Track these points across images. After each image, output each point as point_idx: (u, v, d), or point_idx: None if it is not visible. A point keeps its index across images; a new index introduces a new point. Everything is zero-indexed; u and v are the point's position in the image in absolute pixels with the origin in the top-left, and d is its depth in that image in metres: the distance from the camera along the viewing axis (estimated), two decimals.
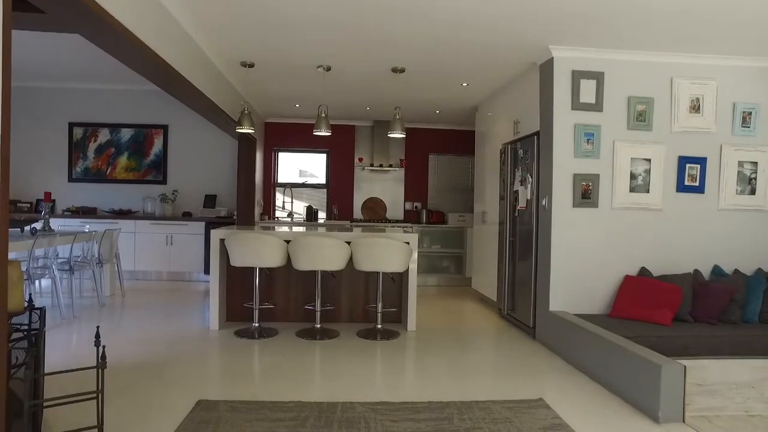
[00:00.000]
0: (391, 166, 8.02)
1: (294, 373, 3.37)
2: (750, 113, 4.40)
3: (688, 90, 4.27)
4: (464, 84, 5.43)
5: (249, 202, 7.26)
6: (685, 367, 2.73)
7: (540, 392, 3.12)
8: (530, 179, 4.53)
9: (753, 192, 4.43)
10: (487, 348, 4.20)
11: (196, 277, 7.07)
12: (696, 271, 4.26)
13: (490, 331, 4.74)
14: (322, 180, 8.28)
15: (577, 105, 4.09)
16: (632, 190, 4.20)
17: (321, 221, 7.94)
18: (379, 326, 4.47)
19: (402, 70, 4.85)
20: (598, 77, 4.11)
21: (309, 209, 7.69)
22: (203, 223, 7.07)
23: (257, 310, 4.34)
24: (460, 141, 8.37)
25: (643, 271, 4.22)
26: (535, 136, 4.45)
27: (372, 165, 8.00)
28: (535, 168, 4.45)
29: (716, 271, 4.33)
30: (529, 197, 4.56)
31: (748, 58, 4.35)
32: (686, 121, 4.27)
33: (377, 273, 4.43)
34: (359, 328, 4.56)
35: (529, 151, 4.56)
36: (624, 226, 4.22)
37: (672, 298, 3.85)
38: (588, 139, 4.10)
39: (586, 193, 4.12)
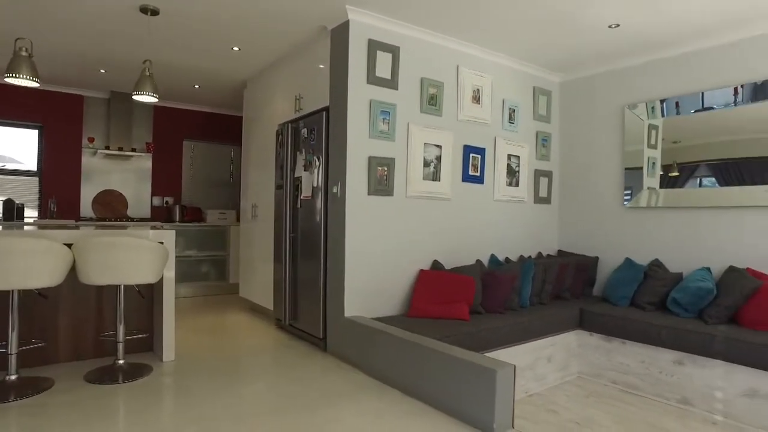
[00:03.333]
0: (134, 150, 6.41)
1: None
2: (514, 111, 4.65)
3: (471, 80, 4.25)
4: (235, 48, 4.45)
5: None
6: (515, 367, 2.43)
7: (355, 422, 2.46)
8: (317, 163, 3.88)
9: (517, 184, 4.70)
10: (272, 372, 3.36)
11: None
12: (478, 261, 4.27)
13: (271, 349, 3.91)
14: (32, 165, 6.10)
15: (373, 79, 3.61)
16: (425, 177, 3.95)
17: (30, 220, 5.82)
18: (121, 361, 3.19)
19: (155, 12, 3.60)
20: (394, 51, 3.71)
21: (8, 204, 5.52)
22: None
23: None
24: (224, 127, 7.28)
25: (436, 264, 4.00)
26: (324, 112, 3.82)
27: (108, 148, 6.24)
28: (323, 150, 3.82)
29: (493, 260, 4.43)
30: (315, 184, 3.91)
31: (515, 60, 4.59)
32: (470, 110, 4.25)
33: (117, 287, 3.16)
34: (90, 368, 3.18)
35: (316, 130, 3.91)
36: (418, 216, 3.93)
37: (467, 291, 3.69)
38: (384, 119, 3.67)
39: (382, 180, 3.68)
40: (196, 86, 5.89)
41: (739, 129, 3.82)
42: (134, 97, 3.87)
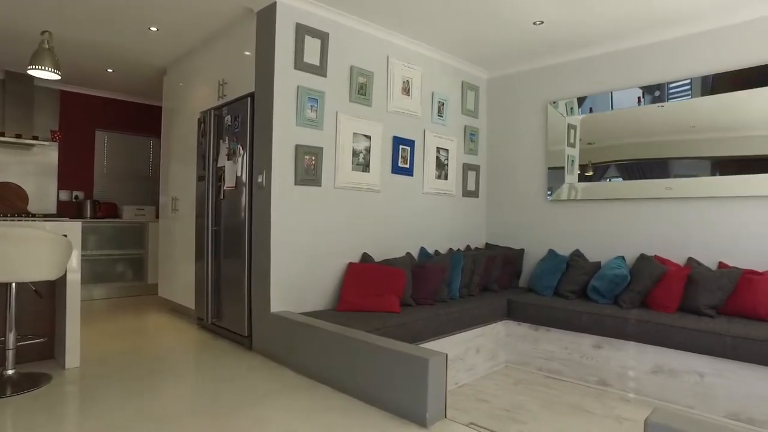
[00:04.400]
0: (36, 139, 5.81)
1: None
2: (443, 104, 4.69)
3: (401, 71, 4.22)
4: (153, 28, 4.12)
5: None
6: (446, 355, 2.40)
7: (283, 421, 2.33)
8: (241, 151, 3.68)
9: (446, 177, 4.74)
10: (193, 373, 3.13)
11: None
12: (408, 254, 4.24)
13: (192, 349, 3.66)
14: None
15: (301, 65, 3.47)
16: (354, 168, 3.86)
17: None
18: (10, 372, 2.82)
19: None
20: (323, 38, 3.59)
21: None
22: None
23: None
24: (142, 117, 6.80)
25: (366, 257, 3.93)
26: (249, 99, 3.63)
27: (2, 135, 5.61)
28: (248, 138, 3.63)
29: (422, 252, 4.43)
30: (239, 174, 3.71)
31: (444, 54, 4.62)
32: (399, 101, 4.22)
33: (7, 285, 2.81)
34: None
35: (240, 117, 3.71)
36: (347, 207, 3.84)
37: (397, 283, 3.65)
38: (312, 106, 3.54)
39: (309, 169, 3.55)
40: (110, 70, 5.44)
41: (642, 131, 4.08)
42: (30, 72, 3.48)
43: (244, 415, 2.41)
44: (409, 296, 3.75)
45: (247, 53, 3.72)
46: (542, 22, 3.85)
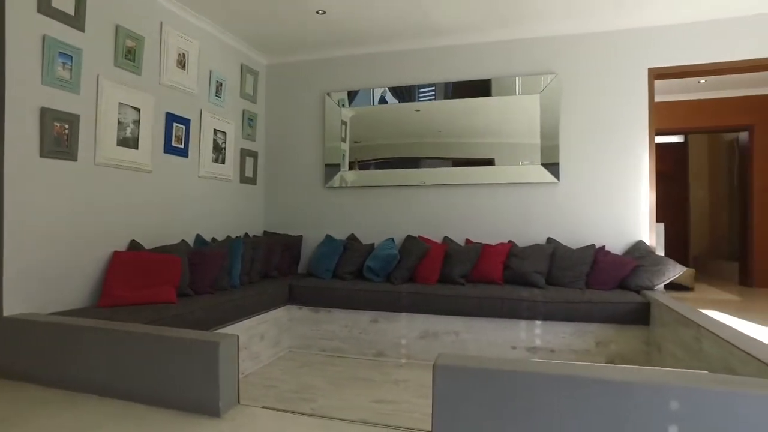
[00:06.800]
0: None
1: None
2: (222, 84, 4.45)
3: (176, 42, 3.83)
4: None
5: None
6: (238, 337, 2.27)
7: None
8: None
9: (223, 161, 4.51)
10: None
11: None
12: (183, 241, 3.90)
13: None
14: None
15: (47, 9, 2.83)
16: (120, 143, 3.35)
17: None
18: None
19: None
20: None
21: None
22: None
23: None
24: None
25: (135, 245, 3.45)
26: None
27: None
28: None
29: (199, 240, 4.13)
30: None
31: (224, 33, 4.39)
32: (174, 75, 3.82)
33: None
34: None
35: None
36: (111, 188, 3.30)
37: (172, 272, 3.32)
38: (65, 63, 2.92)
39: (61, 139, 2.93)
40: None
41: (400, 132, 4.65)
42: None
43: None
44: (187, 285, 3.44)
45: None
46: (324, 12, 3.98)
